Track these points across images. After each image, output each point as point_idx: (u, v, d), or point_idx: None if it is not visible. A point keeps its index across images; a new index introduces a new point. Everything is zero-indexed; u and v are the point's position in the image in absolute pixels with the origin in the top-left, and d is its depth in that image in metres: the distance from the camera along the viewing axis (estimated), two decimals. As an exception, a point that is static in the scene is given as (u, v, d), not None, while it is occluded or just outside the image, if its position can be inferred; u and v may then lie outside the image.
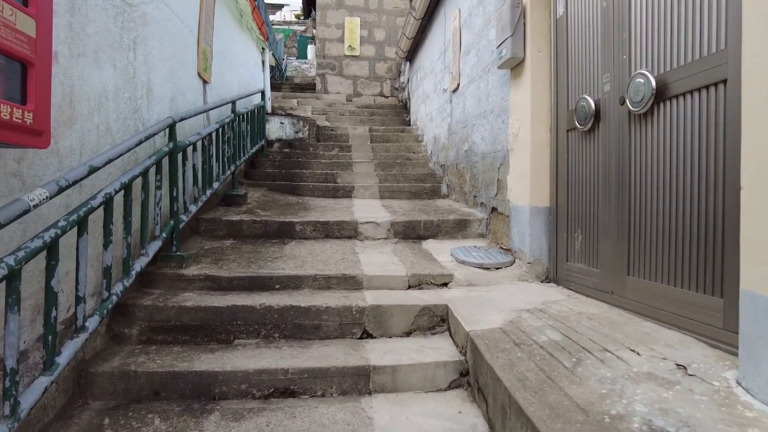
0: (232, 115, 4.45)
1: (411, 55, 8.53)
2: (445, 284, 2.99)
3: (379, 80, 10.28)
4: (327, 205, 4.88)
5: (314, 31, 12.78)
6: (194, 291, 2.80)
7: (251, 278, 2.86)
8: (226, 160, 4.26)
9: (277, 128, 6.89)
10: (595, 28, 2.59)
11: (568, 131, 2.94)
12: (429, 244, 3.83)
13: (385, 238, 3.93)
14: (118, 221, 2.31)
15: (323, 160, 6.35)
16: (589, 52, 2.66)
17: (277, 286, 2.86)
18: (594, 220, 2.63)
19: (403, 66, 9.87)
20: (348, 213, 4.37)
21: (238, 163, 4.75)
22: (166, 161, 2.89)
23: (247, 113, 5.21)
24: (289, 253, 3.41)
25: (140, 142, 2.36)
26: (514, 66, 3.34)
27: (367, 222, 3.94)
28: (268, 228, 3.85)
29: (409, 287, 2.95)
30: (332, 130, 7.59)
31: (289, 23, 31.72)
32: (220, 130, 4.05)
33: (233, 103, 4.49)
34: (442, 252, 3.59)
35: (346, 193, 5.56)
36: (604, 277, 2.52)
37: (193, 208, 3.28)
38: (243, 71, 5.81)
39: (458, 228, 4.04)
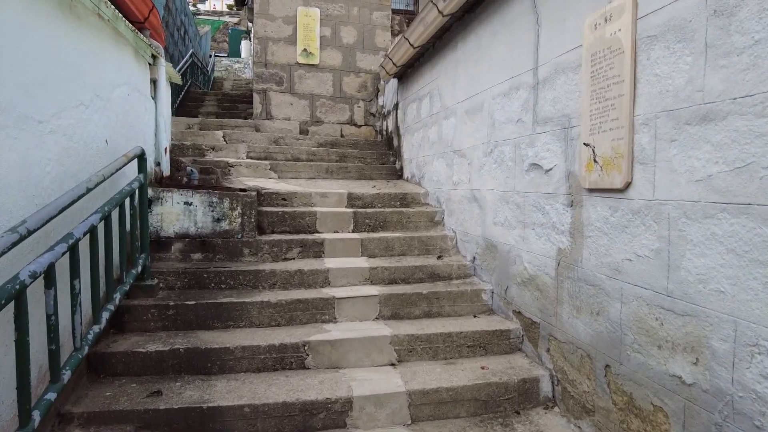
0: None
1: (407, 71, 5.42)
2: None
3: (348, 101, 7.07)
4: None
5: (250, 24, 9.32)
6: None
7: None
8: None
9: (179, 214, 3.54)
10: None
11: None
12: None
13: None
14: None
15: (271, 296, 3.10)
16: None
17: None
18: None
19: (383, 83, 6.74)
20: None
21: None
22: None
23: (75, 244, 1.87)
24: None
25: None
26: None
27: None
28: None
29: None
30: (284, 201, 4.32)
31: (220, 14, 27.57)
32: None
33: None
34: None
35: (334, 417, 2.37)
36: None
37: None
38: (76, 120, 2.43)
39: None
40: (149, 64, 3.71)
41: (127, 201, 2.75)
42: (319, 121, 6.94)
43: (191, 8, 26.70)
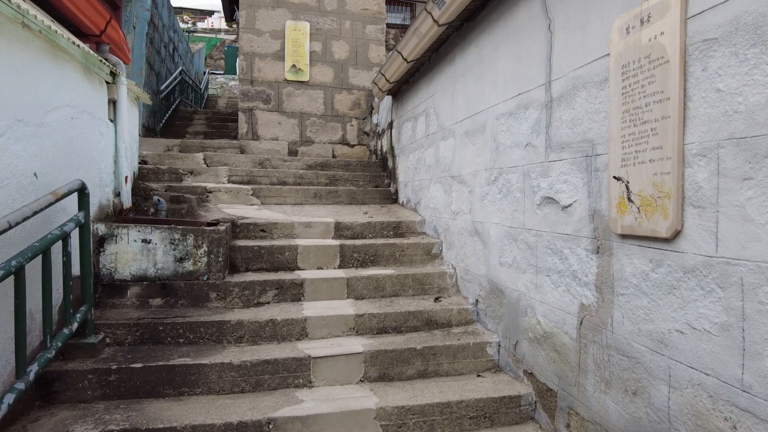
0: None
1: (401, 87, 5.00)
2: None
3: (341, 120, 6.65)
4: None
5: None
6: None
7: None
8: None
9: (136, 254, 3.07)
10: None
11: None
12: None
13: None
14: None
15: (234, 356, 2.61)
16: None
17: None
18: None
19: (377, 101, 6.33)
20: None
21: None
22: None
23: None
24: None
25: None
26: None
27: None
28: None
29: None
30: (263, 233, 3.86)
31: (217, 31, 27.52)
32: None
33: None
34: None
35: None
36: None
37: None
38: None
39: None
40: (107, 83, 3.27)
41: (59, 245, 2.29)
42: (309, 141, 6.50)
43: (190, 26, 26.61)
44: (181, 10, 29.08)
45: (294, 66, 6.37)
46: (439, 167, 3.87)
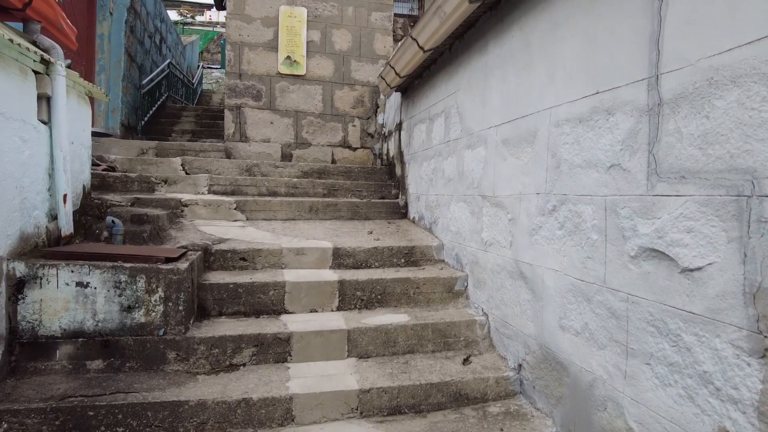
0: None
1: (413, 82, 4.22)
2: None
3: (341, 119, 5.86)
4: None
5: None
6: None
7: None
8: None
9: (68, 302, 2.30)
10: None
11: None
12: None
13: None
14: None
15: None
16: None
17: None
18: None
19: (383, 98, 5.54)
20: None
21: None
22: None
23: None
24: None
25: None
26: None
27: None
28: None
29: None
30: (243, 261, 3.10)
31: (215, 24, 26.70)
32: None
33: None
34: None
35: None
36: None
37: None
38: None
39: None
40: (36, 73, 2.49)
41: None
42: (305, 143, 5.72)
43: (188, 19, 25.74)
44: (179, 3, 28.24)
45: (289, 58, 5.58)
46: (463, 182, 3.09)
